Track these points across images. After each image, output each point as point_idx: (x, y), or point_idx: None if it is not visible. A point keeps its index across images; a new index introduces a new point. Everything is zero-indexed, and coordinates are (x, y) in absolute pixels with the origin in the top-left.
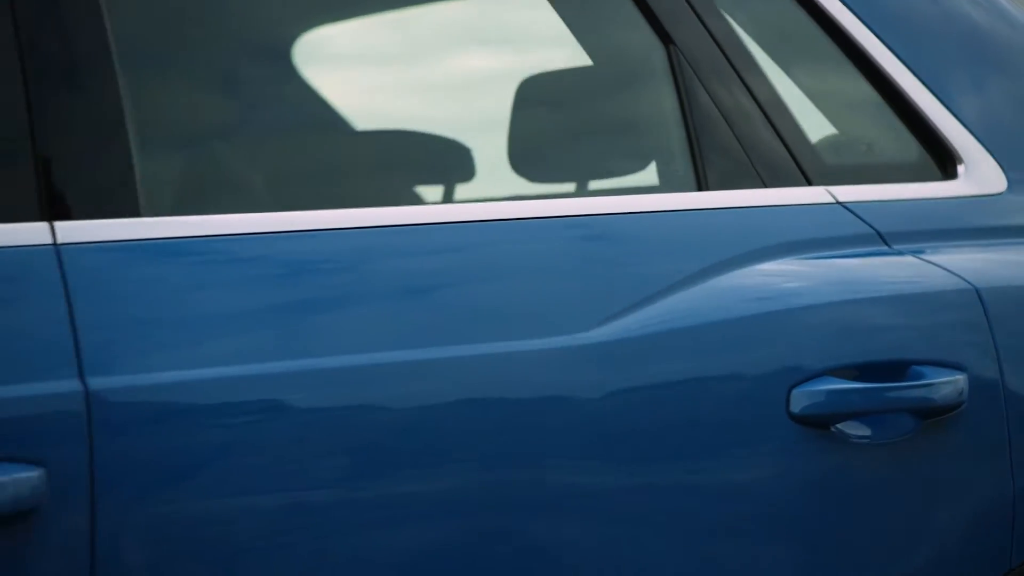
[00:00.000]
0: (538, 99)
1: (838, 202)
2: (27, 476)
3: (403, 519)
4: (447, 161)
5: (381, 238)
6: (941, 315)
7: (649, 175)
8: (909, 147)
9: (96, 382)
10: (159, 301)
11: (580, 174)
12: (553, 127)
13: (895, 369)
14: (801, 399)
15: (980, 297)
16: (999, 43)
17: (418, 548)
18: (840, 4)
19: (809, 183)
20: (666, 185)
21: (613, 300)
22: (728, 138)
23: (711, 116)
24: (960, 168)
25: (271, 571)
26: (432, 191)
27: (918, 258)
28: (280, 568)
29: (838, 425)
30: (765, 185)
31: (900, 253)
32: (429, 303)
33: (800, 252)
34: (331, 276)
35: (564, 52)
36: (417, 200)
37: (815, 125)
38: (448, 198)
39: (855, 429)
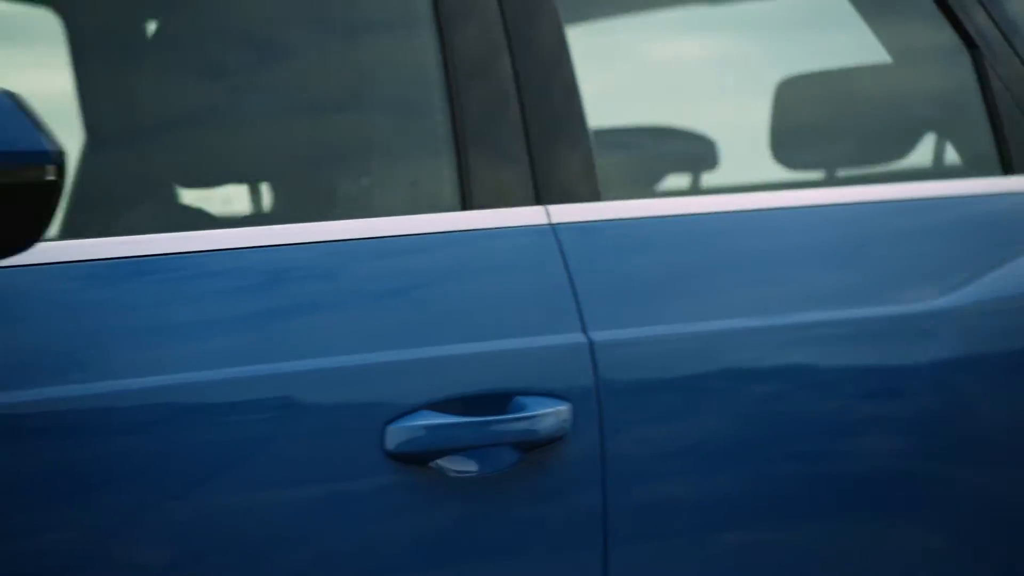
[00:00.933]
0: (811, 96)
1: None
2: (562, 408)
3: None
4: (696, 152)
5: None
6: None
7: (924, 159)
8: None
9: (596, 335)
10: (636, 269)
11: (878, 163)
12: (842, 120)
13: None
14: None
15: None
16: None
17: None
18: None
19: None
20: (973, 171)
21: (949, 274)
22: None
23: (1012, 111)
24: None
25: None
26: (682, 179)
27: None
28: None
29: None
30: None
31: None
32: (789, 285)
33: None
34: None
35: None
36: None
37: None
38: (695, 186)
39: None
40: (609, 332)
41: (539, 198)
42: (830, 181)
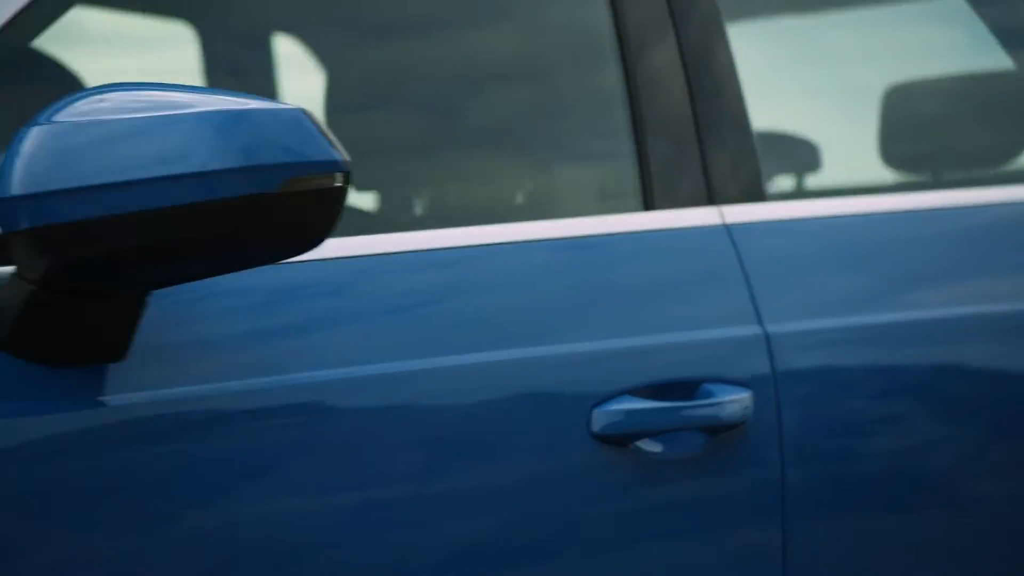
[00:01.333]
0: (920, 100)
1: None
2: (744, 396)
3: None
4: (799, 155)
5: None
6: None
7: None
8: None
9: (771, 327)
10: (805, 265)
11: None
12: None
13: None
14: None
15: None
16: None
17: None
18: None
19: None
20: None
21: None
22: None
23: None
24: None
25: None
26: (787, 181)
27: None
28: None
29: None
30: None
31: None
32: (952, 280)
33: None
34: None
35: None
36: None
37: None
38: (800, 188)
39: None
40: (783, 324)
41: (712, 198)
42: (949, 184)
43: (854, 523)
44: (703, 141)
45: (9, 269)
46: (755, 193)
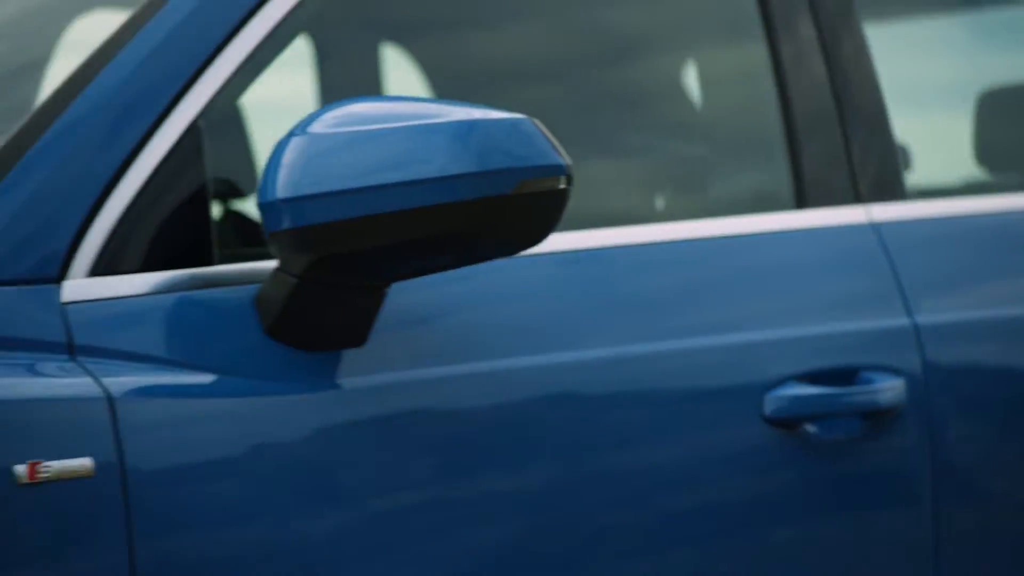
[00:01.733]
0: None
1: None
2: (898, 383)
3: None
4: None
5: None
6: None
7: None
8: None
9: (920, 319)
10: (950, 260)
11: None
12: None
13: None
14: None
15: None
16: None
17: None
18: None
19: None
20: None
21: None
22: None
23: None
24: None
25: None
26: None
27: None
28: None
29: None
30: None
31: None
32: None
33: None
34: None
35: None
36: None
37: None
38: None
39: None
40: (931, 316)
41: (858, 196)
42: None
43: (1006, 516)
44: (848, 140)
45: (273, 264)
46: (896, 190)
